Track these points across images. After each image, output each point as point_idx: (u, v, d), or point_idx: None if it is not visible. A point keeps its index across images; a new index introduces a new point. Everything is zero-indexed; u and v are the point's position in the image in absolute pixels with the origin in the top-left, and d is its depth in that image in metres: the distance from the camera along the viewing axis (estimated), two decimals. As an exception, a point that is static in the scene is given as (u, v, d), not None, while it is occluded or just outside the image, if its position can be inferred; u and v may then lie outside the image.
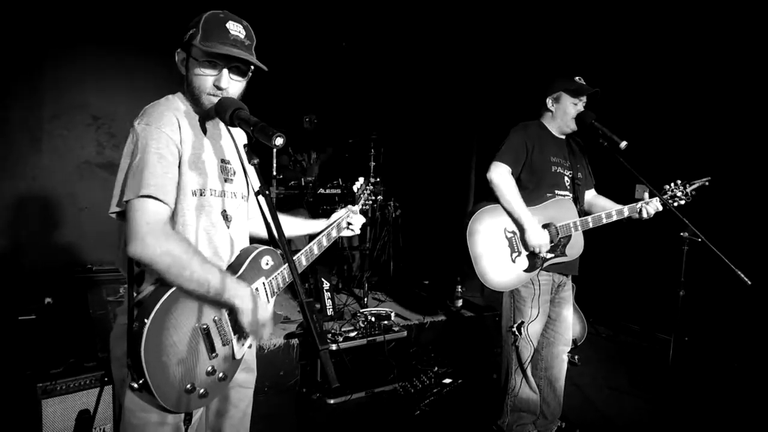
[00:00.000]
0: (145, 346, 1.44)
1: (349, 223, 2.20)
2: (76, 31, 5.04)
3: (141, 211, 1.48)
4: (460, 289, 4.98)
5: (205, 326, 1.60)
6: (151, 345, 1.46)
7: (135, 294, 1.58)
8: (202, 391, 1.59)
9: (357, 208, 2.26)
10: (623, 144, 2.82)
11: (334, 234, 2.13)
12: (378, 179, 2.39)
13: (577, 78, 2.95)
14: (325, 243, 2.08)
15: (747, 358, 4.39)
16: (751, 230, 4.45)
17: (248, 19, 1.71)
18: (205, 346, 1.61)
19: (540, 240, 2.82)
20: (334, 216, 2.21)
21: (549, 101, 3.00)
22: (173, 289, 1.51)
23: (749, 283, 2.56)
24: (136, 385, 1.46)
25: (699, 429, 3.55)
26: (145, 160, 1.50)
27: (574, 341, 4.55)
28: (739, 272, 2.59)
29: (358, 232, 2.24)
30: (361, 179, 2.34)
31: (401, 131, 6.63)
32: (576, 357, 4.47)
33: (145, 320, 1.45)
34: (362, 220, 2.25)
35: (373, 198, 2.38)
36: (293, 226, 2.18)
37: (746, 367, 4.34)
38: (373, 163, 5.23)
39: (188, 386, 1.55)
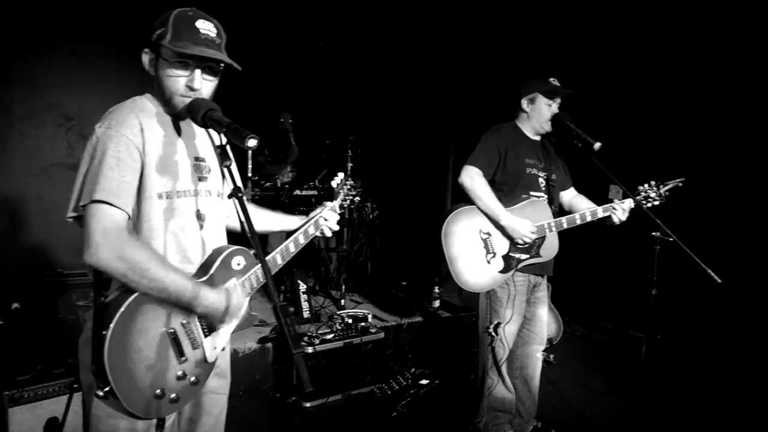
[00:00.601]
0: (109, 352, 1.41)
1: (326, 219, 2.10)
2: (49, 31, 4.93)
3: (96, 216, 1.45)
4: (437, 290, 4.98)
5: (172, 330, 1.57)
6: (115, 351, 1.42)
7: (102, 299, 1.54)
8: (173, 396, 1.56)
9: (336, 204, 2.19)
10: (597, 145, 2.85)
11: (311, 231, 2.05)
12: (356, 180, 2.34)
13: (551, 79, 2.98)
14: (302, 240, 2.01)
15: (718, 354, 4.48)
16: (722, 230, 4.54)
17: (224, 18, 1.68)
18: (174, 350, 1.58)
19: (524, 229, 2.82)
20: (312, 213, 2.14)
21: (524, 102, 3.03)
22: (136, 294, 1.48)
23: (719, 281, 2.62)
24: (101, 393, 1.43)
25: (673, 425, 3.61)
26: (103, 163, 1.47)
27: (550, 340, 4.58)
28: (710, 271, 2.64)
29: (335, 228, 2.13)
30: (341, 174, 2.27)
31: (379, 132, 6.62)
32: (551, 356, 4.49)
33: (109, 325, 1.42)
34: (336, 216, 2.14)
35: (353, 194, 2.30)
36: (270, 220, 2.13)
37: (718, 364, 4.43)
38: (350, 164, 5.20)
39: (157, 392, 1.52)
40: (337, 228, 2.15)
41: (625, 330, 5.32)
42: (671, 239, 2.83)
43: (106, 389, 1.42)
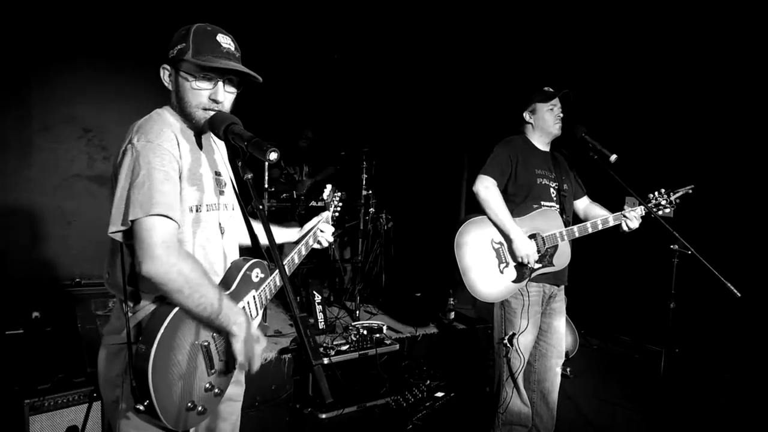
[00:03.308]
0: (153, 368, 1.42)
1: (321, 231, 2.25)
2: (66, 43, 5.03)
3: (154, 229, 1.44)
4: (452, 302, 4.96)
5: (206, 342, 1.59)
6: (158, 366, 1.44)
7: (131, 314, 1.55)
8: (200, 408, 1.58)
9: (329, 215, 2.34)
10: (613, 157, 2.86)
11: (311, 242, 2.22)
12: (370, 191, 2.42)
13: (546, 88, 3.05)
14: (304, 252, 2.17)
15: (738, 369, 4.41)
16: (741, 242, 4.48)
17: (240, 32, 1.71)
18: (205, 362, 1.60)
19: (527, 249, 2.83)
20: (308, 225, 2.26)
21: (526, 115, 3.08)
22: (176, 308, 1.49)
23: (738, 295, 2.58)
24: (142, 407, 1.44)
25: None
26: (152, 178, 1.47)
27: (567, 353, 4.54)
28: (729, 284, 2.61)
29: (330, 239, 2.28)
30: (329, 186, 2.40)
31: (393, 144, 6.65)
32: (568, 369, 4.46)
33: (152, 342, 1.43)
34: (331, 228, 2.31)
35: (342, 206, 2.44)
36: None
37: (737, 378, 4.35)
38: (365, 176, 5.21)
39: (189, 404, 1.54)
40: (332, 239, 2.32)
41: (642, 343, 5.25)
42: (690, 252, 2.81)
43: (146, 403, 1.43)
